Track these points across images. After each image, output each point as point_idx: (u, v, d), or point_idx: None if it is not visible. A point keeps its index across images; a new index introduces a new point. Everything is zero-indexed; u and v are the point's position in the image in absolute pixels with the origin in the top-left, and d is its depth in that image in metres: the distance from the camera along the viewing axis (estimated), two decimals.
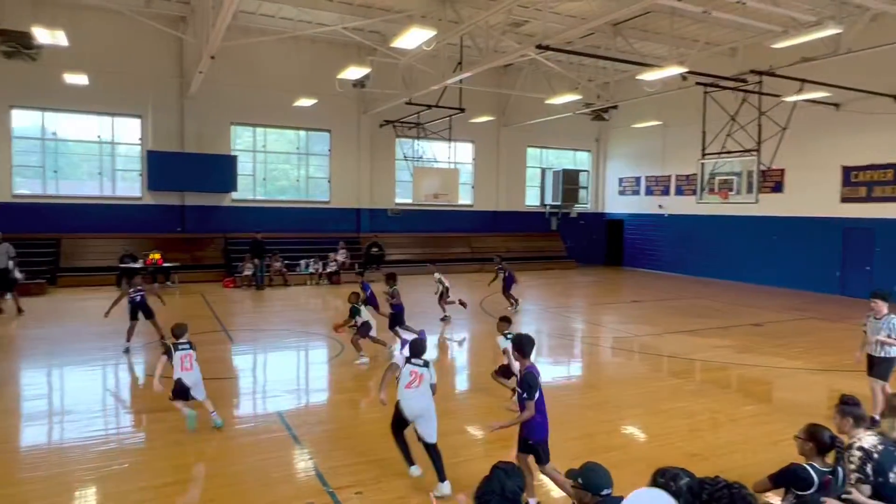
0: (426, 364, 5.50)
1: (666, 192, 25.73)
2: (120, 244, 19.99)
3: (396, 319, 10.86)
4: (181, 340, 7.01)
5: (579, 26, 13.28)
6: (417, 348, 5.56)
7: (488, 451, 6.52)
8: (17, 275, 15.33)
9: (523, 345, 5.28)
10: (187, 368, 6.88)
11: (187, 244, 21.12)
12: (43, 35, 14.13)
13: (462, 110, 21.85)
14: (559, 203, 27.30)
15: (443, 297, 14.03)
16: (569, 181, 27.21)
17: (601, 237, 29.05)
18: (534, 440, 5.09)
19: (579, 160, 29.37)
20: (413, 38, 13.04)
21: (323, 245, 22.12)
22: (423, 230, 24.95)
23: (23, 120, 19.84)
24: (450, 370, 10.26)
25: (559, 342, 12.53)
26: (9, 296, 14.96)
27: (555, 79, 21.41)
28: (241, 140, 22.87)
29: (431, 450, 5.41)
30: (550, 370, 10.28)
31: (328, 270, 21.33)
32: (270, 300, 17.25)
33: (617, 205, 28.63)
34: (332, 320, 13.76)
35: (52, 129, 20.28)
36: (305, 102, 21.01)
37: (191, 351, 6.97)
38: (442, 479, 5.39)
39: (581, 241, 28.41)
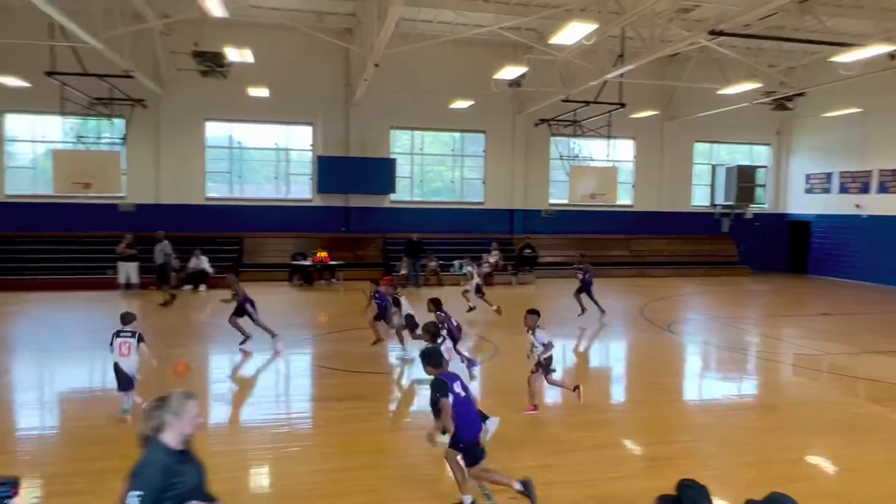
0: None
1: (865, 190, 23.21)
2: (292, 243, 21.79)
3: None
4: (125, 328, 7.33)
5: (760, 7, 12.19)
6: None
7: (648, 467, 6.43)
8: (175, 265, 17.33)
9: (430, 356, 5.34)
10: (124, 354, 7.22)
11: (351, 243, 22.42)
12: (233, 54, 15.92)
13: (622, 105, 21.16)
14: (732, 203, 25.55)
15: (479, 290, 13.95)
16: (744, 178, 25.38)
17: (782, 241, 26.72)
18: (462, 441, 5.15)
19: (756, 155, 27.20)
20: (572, 32, 12.81)
21: (476, 246, 22.50)
22: (578, 231, 24.55)
23: (214, 131, 22.22)
24: (601, 379, 10.01)
25: (730, 356, 11.75)
26: (165, 287, 16.71)
27: (728, 66, 20.06)
28: (400, 143, 23.85)
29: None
30: (719, 386, 9.74)
31: (482, 271, 21.42)
32: (424, 299, 17.94)
33: (802, 204, 26.16)
34: (482, 321, 14.12)
35: (237, 138, 22.62)
36: (461, 104, 21.46)
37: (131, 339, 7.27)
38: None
39: (757, 245, 26.38)
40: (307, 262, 20.45)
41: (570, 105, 21.54)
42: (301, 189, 22.90)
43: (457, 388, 5.17)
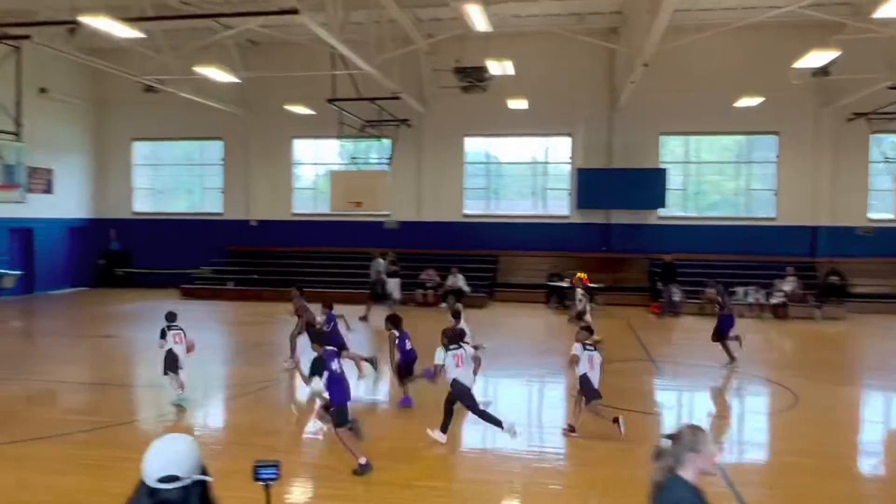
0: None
1: None
2: (548, 262, 20.84)
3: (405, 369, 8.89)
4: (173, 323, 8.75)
5: None
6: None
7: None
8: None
9: (316, 336, 6.86)
10: (178, 342, 8.58)
11: (610, 264, 20.69)
12: (494, 67, 15.53)
13: None
14: None
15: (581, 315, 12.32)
16: None
17: None
18: (333, 404, 6.40)
19: None
20: None
21: (766, 270, 19.25)
22: None
23: (472, 146, 22.32)
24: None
25: None
26: (382, 306, 16.45)
27: None
28: (670, 151, 21.59)
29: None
30: None
31: (772, 302, 18.23)
32: (698, 331, 15.75)
33: None
34: (776, 362, 12.33)
35: (494, 153, 22.50)
36: (749, 102, 18.41)
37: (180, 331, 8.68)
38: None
39: None
40: (564, 284, 19.27)
41: None
42: (558, 205, 21.89)
43: (334, 365, 6.43)
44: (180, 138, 23.90)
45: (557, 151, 21.84)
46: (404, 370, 8.54)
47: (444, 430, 7.10)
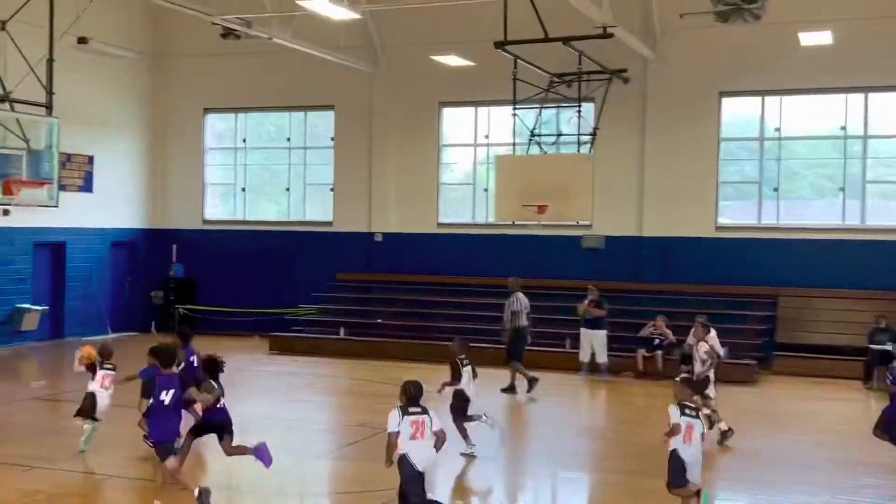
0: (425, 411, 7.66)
1: None
2: (866, 307, 18.50)
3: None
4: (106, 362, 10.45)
5: None
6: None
7: None
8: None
9: (159, 353, 8.36)
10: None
11: None
12: None
13: None
14: None
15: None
16: None
17: None
18: (152, 438, 8.25)
19: None
20: None
21: None
22: None
23: (732, 111, 20.60)
24: None
25: None
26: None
27: None
28: None
29: None
30: None
31: None
32: None
33: None
34: None
35: (770, 122, 20.15)
36: None
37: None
38: None
39: None
40: None
41: None
42: (887, 209, 19.70)
43: (163, 395, 7.86)
44: (273, 108, 23.59)
45: (885, 118, 19.48)
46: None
47: None
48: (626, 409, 15.46)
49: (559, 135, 20.10)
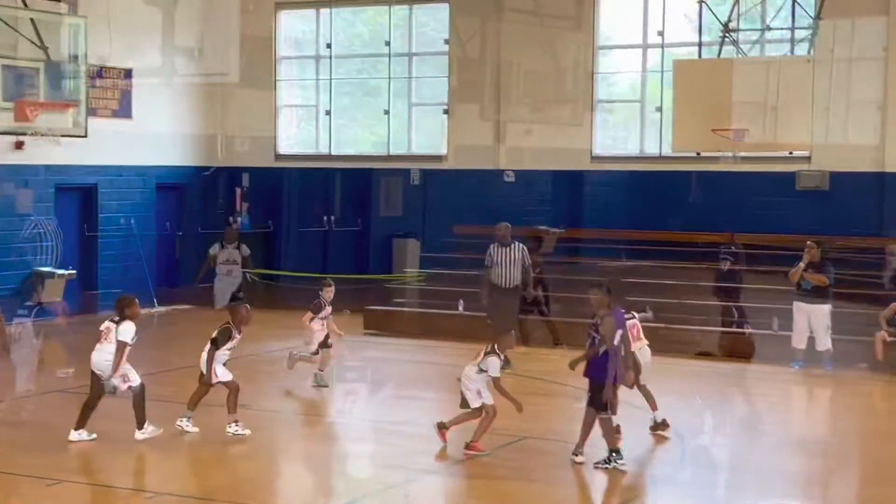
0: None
1: None
2: None
3: None
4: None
5: None
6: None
7: None
8: None
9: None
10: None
11: None
12: None
13: None
14: None
15: None
16: None
17: None
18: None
19: None
20: None
21: None
22: None
23: None
24: None
25: None
26: None
27: None
28: None
29: None
30: None
31: None
32: None
33: None
34: None
35: None
36: None
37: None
38: None
39: None
40: None
41: None
42: None
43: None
44: (368, 1, 21.62)
45: None
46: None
47: None
48: (860, 415, 13.17)
49: (765, 29, 18.57)
